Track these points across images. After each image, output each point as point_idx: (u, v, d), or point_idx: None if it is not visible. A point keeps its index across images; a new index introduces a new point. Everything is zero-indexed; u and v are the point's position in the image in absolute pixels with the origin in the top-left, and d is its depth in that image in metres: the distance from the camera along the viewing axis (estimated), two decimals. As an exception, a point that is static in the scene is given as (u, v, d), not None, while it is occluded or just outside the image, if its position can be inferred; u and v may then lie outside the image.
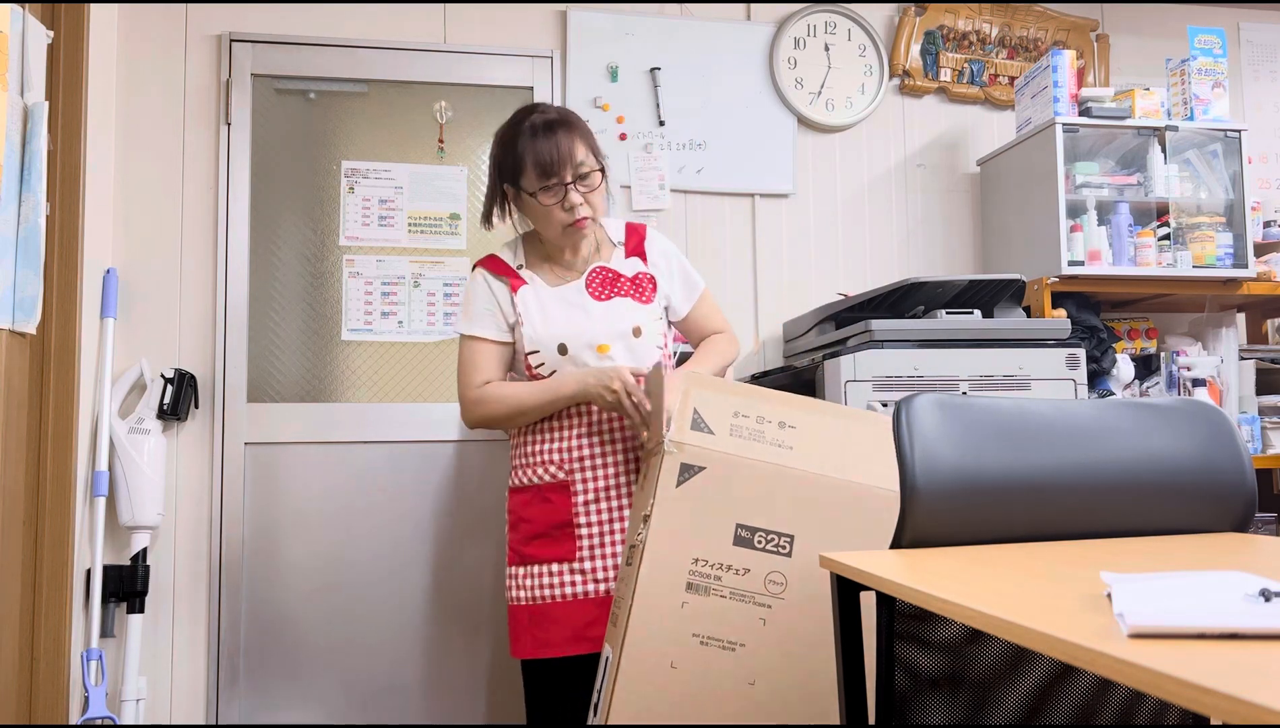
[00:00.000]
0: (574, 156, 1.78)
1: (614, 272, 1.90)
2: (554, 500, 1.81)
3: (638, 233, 1.97)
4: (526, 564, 1.81)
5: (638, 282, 1.90)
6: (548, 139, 1.77)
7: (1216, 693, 0.55)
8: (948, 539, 1.20)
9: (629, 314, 1.85)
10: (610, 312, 1.85)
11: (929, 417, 1.25)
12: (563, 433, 1.83)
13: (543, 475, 1.83)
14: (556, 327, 1.83)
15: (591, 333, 1.83)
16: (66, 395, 2.39)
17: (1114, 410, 1.33)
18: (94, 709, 2.39)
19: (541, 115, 1.82)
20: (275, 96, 2.83)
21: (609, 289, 1.87)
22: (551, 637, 1.76)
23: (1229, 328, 3.12)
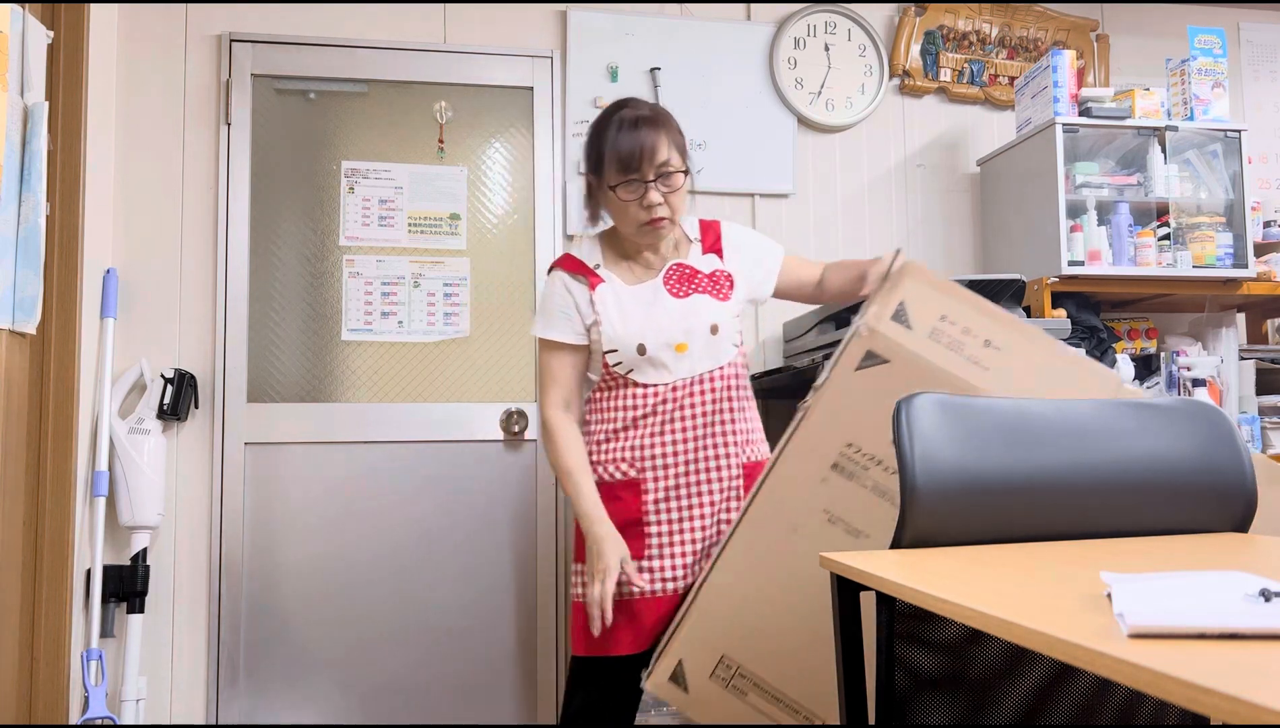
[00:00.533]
0: (657, 154, 1.75)
1: (692, 268, 1.87)
2: (624, 498, 1.79)
3: (713, 230, 1.95)
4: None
5: (715, 279, 1.87)
6: (632, 134, 1.75)
7: (1216, 693, 0.55)
8: (948, 539, 1.20)
9: (707, 312, 1.82)
10: (688, 309, 1.81)
11: (929, 417, 1.25)
12: (635, 430, 1.81)
13: (613, 473, 1.81)
14: (634, 326, 1.80)
15: (670, 332, 1.80)
16: (66, 395, 2.39)
17: (1114, 410, 1.33)
18: (94, 709, 2.39)
19: (632, 111, 1.79)
20: (275, 96, 2.83)
21: (687, 286, 1.84)
22: (618, 635, 1.74)
23: (1229, 328, 3.12)
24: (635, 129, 1.75)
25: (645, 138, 1.75)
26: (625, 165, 1.75)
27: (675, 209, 1.80)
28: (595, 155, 1.81)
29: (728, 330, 1.84)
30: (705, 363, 1.81)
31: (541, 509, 2.83)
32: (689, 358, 1.80)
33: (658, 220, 1.78)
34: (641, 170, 1.75)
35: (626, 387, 1.82)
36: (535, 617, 2.80)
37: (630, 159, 1.74)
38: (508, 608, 2.79)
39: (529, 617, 2.80)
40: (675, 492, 1.79)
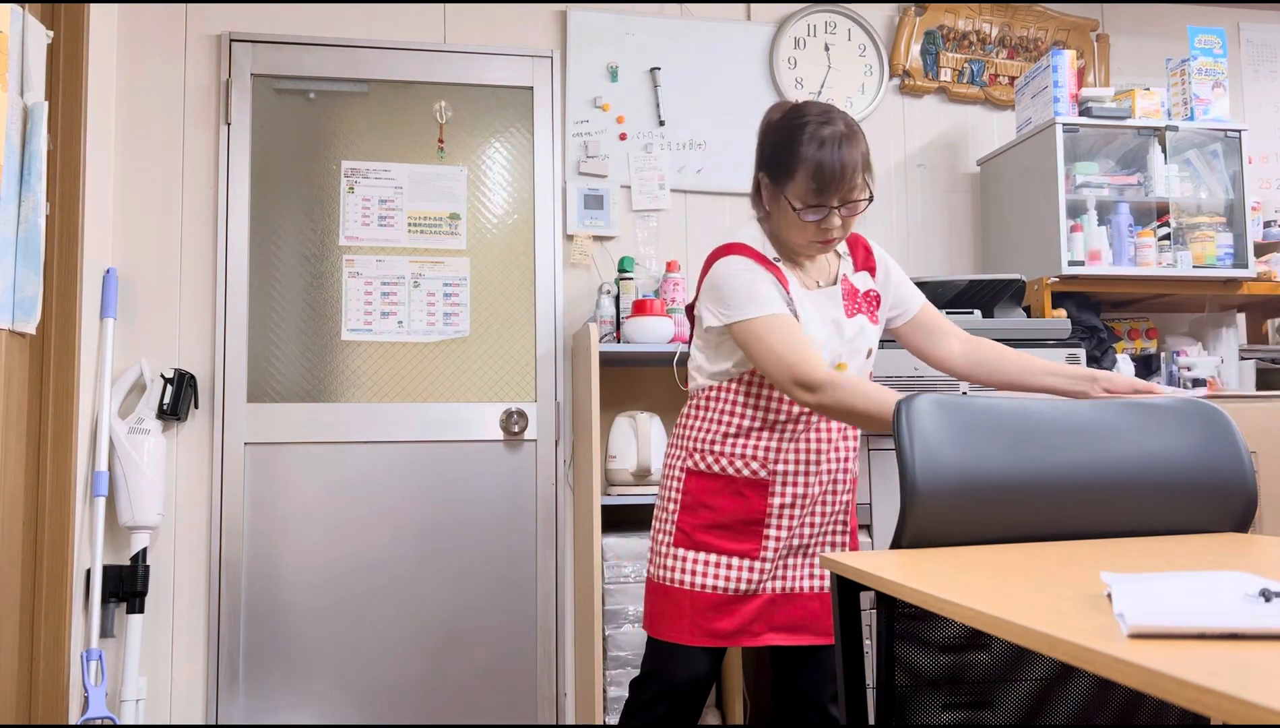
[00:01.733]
0: (854, 180, 1.63)
1: (853, 286, 1.79)
2: (749, 496, 1.74)
3: (862, 245, 1.84)
4: (699, 551, 1.75)
5: (869, 299, 1.80)
6: (833, 155, 1.61)
7: (1216, 693, 0.55)
8: (948, 539, 1.20)
9: (868, 334, 1.77)
10: (855, 330, 1.75)
11: (929, 417, 1.25)
12: (773, 434, 1.75)
13: (741, 469, 1.75)
14: (820, 335, 1.70)
15: (839, 349, 1.73)
16: (66, 395, 2.39)
17: (1114, 410, 1.33)
18: (94, 709, 2.39)
19: (833, 126, 1.63)
20: (275, 96, 2.83)
21: (852, 304, 1.77)
22: (719, 627, 1.72)
23: (1229, 328, 3.12)
24: (837, 149, 1.61)
25: (846, 161, 1.61)
26: (819, 189, 1.62)
27: (848, 232, 1.72)
28: (781, 163, 1.66)
29: (874, 355, 1.80)
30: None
31: (541, 509, 2.83)
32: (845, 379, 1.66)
33: (830, 241, 1.69)
34: (831, 197, 1.63)
35: (775, 393, 1.74)
36: (535, 617, 2.80)
37: (826, 184, 1.61)
38: (507, 608, 2.79)
39: (528, 617, 2.80)
40: (798, 503, 1.75)
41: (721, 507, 1.75)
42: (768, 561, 1.74)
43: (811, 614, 1.77)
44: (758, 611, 1.74)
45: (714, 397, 1.79)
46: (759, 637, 1.74)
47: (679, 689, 1.77)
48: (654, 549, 1.82)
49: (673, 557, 1.77)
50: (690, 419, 1.83)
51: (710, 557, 1.74)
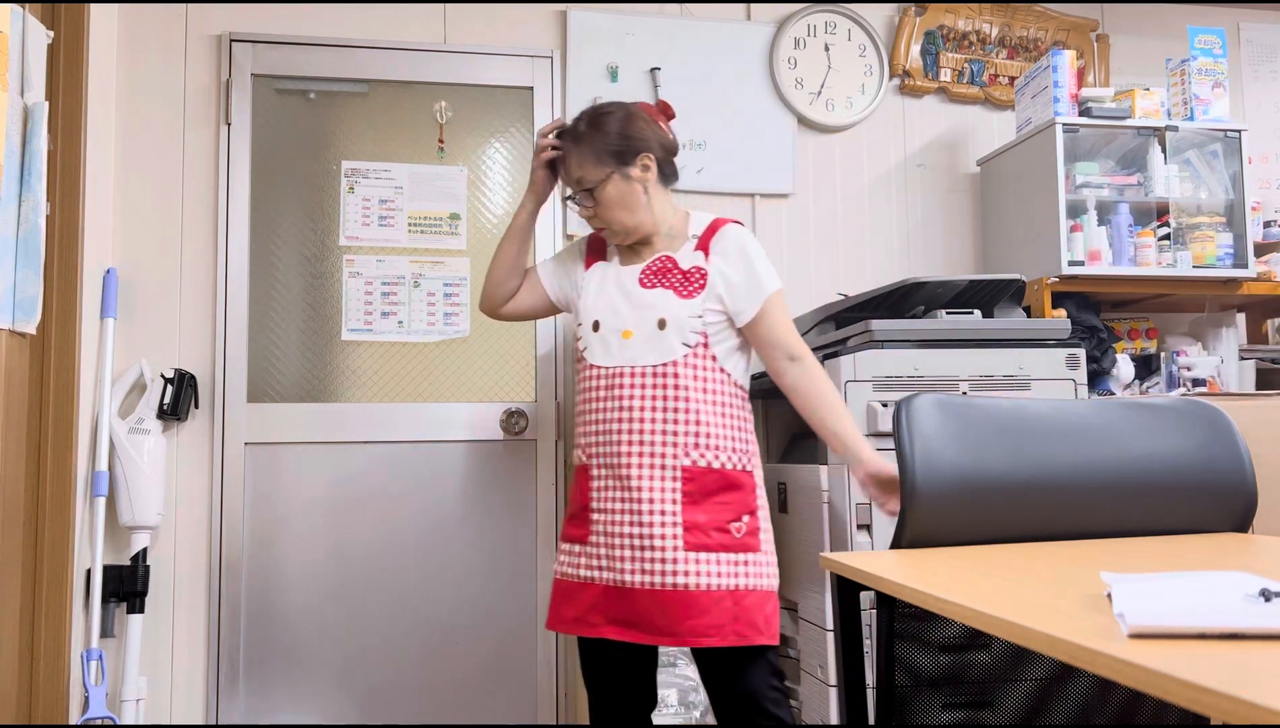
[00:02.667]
0: (571, 174, 1.92)
1: (673, 262, 1.90)
2: (580, 483, 1.88)
3: (711, 229, 1.92)
4: (562, 541, 1.91)
5: (688, 276, 1.87)
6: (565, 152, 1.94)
7: (1216, 693, 0.55)
8: (948, 539, 1.20)
9: (662, 306, 1.84)
10: (647, 301, 1.86)
11: (929, 417, 1.25)
12: (588, 413, 1.88)
13: (579, 457, 1.90)
14: (599, 304, 1.90)
15: (623, 318, 1.87)
16: (66, 395, 2.39)
17: (1114, 410, 1.33)
18: (94, 709, 2.39)
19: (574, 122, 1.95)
20: (275, 96, 2.83)
21: (658, 279, 1.88)
22: (562, 613, 1.83)
23: (1229, 328, 3.12)
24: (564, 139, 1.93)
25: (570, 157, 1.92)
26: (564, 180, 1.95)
27: (609, 220, 1.90)
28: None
29: (678, 327, 1.82)
30: (648, 354, 1.82)
31: (541, 509, 2.83)
32: (632, 346, 1.84)
33: (600, 229, 1.94)
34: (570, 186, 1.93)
35: (584, 367, 1.90)
36: (535, 616, 2.80)
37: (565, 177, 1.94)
38: (507, 608, 2.79)
39: (529, 616, 2.80)
40: (615, 484, 1.81)
41: (572, 497, 1.91)
42: (597, 546, 1.81)
43: (642, 612, 1.74)
44: (594, 600, 1.80)
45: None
46: (597, 628, 1.79)
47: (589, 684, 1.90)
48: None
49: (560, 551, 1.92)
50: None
51: (563, 545, 1.89)
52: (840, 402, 1.87)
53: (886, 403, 2.25)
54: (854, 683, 1.17)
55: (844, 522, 2.25)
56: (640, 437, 1.80)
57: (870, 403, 2.25)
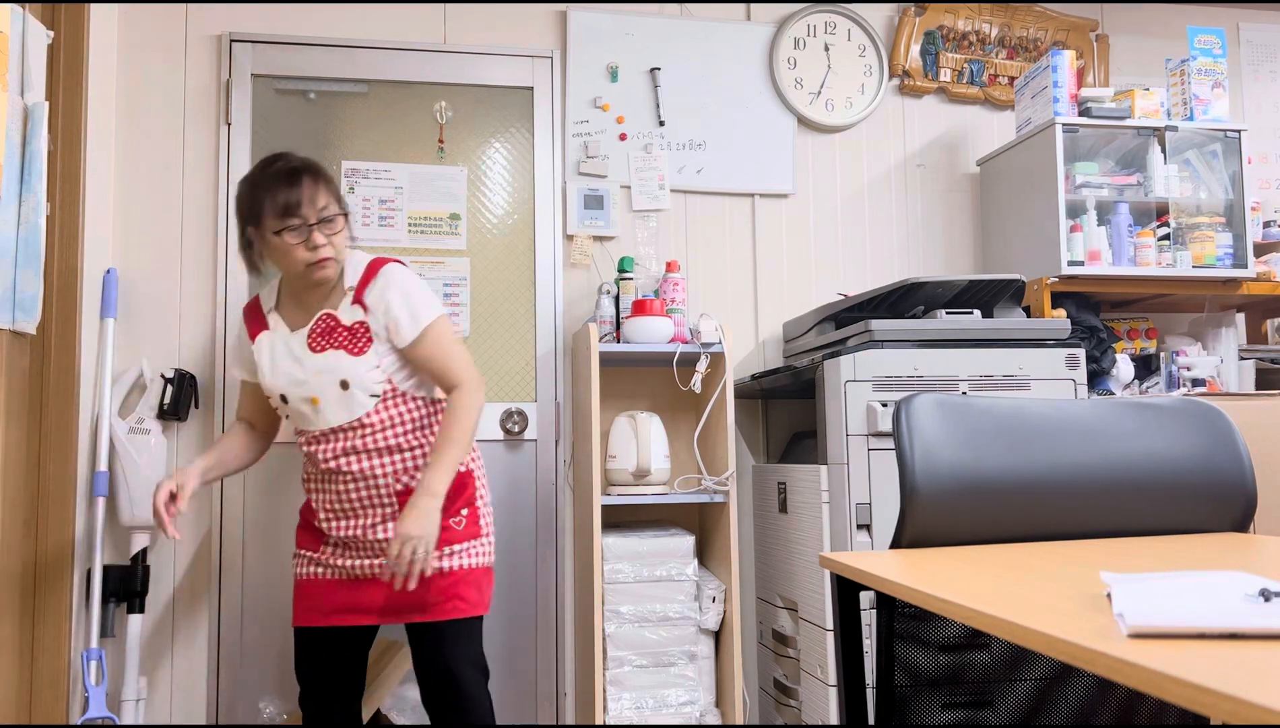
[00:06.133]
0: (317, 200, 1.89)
1: (336, 320, 1.94)
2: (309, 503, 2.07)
3: (368, 275, 1.96)
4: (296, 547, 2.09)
5: (353, 332, 1.93)
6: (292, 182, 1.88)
7: (1216, 693, 0.55)
8: (948, 539, 1.20)
9: (339, 367, 1.91)
10: (322, 365, 1.92)
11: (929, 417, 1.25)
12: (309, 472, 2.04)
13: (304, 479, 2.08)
14: (278, 378, 1.96)
15: (304, 387, 1.93)
16: (66, 395, 2.39)
17: (1114, 410, 1.33)
18: (94, 709, 2.39)
19: (285, 163, 1.92)
20: (275, 96, 2.83)
21: (326, 340, 1.93)
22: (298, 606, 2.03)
23: (1229, 328, 3.12)
24: (294, 177, 1.88)
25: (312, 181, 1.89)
26: (288, 211, 1.85)
27: (328, 262, 1.91)
28: (250, 209, 1.90)
29: (361, 384, 1.92)
30: (340, 415, 1.93)
31: (541, 508, 2.83)
32: (324, 411, 1.94)
33: (324, 261, 1.89)
34: (304, 214, 1.86)
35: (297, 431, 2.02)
36: (535, 616, 2.80)
37: (294, 206, 1.86)
38: (506, 607, 2.79)
39: (528, 616, 2.80)
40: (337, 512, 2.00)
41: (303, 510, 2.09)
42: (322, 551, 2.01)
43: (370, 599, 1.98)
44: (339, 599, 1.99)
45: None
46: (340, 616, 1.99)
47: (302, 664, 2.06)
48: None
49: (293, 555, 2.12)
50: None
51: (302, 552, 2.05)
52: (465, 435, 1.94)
53: (886, 403, 2.26)
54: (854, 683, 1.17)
55: (844, 522, 2.25)
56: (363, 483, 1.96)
57: (870, 403, 2.25)
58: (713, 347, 2.60)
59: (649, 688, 2.46)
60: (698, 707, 2.47)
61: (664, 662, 2.48)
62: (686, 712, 2.45)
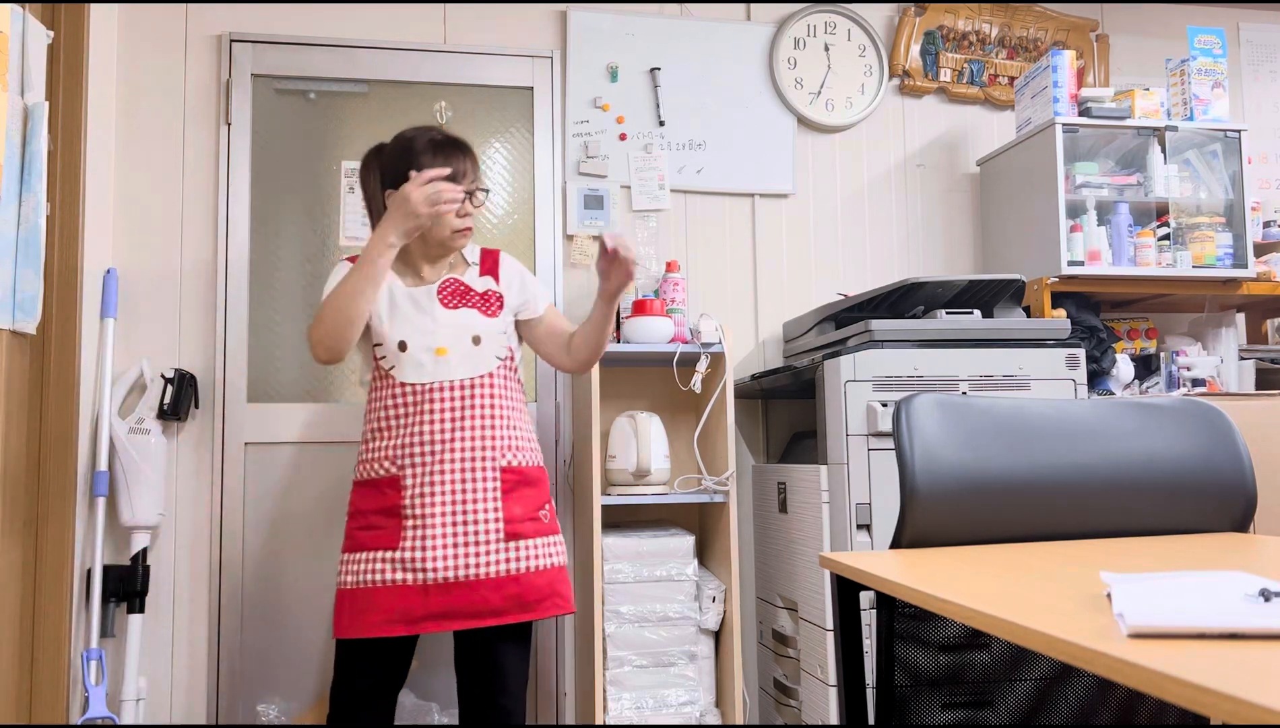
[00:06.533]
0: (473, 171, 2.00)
1: (466, 286, 2.03)
2: (386, 493, 1.92)
3: (492, 257, 2.11)
4: (356, 551, 1.91)
5: (486, 298, 2.03)
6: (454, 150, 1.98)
7: (1216, 693, 0.55)
8: (948, 539, 1.20)
9: (474, 324, 1.98)
10: (456, 321, 1.98)
11: (929, 417, 1.25)
12: (398, 427, 1.94)
13: (377, 470, 1.94)
14: (401, 324, 1.96)
15: (433, 336, 1.95)
16: (66, 395, 2.39)
17: (1114, 410, 1.33)
18: (94, 709, 2.39)
19: (442, 133, 2.01)
20: (275, 96, 2.83)
21: (458, 300, 2.00)
22: (369, 619, 1.86)
23: (1229, 328, 3.12)
24: (455, 147, 1.98)
25: (465, 155, 1.99)
26: (451, 177, 1.93)
27: (469, 230, 2.01)
28: (408, 165, 1.94)
29: (490, 343, 1.99)
30: (467, 368, 1.95)
31: (541, 509, 2.83)
32: (446, 363, 1.94)
33: (468, 230, 1.99)
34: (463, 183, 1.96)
35: (390, 386, 1.95)
36: (535, 617, 2.80)
37: (459, 175, 1.95)
38: (508, 608, 2.79)
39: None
40: (432, 488, 1.89)
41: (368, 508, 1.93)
42: (408, 550, 1.87)
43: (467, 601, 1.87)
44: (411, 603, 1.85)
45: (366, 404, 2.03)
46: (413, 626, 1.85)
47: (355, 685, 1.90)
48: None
49: (341, 562, 1.93)
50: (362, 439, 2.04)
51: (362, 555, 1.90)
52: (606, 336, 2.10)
53: (886, 403, 2.26)
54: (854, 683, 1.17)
55: (844, 522, 2.25)
56: (467, 444, 1.92)
57: (870, 403, 2.25)
58: (713, 347, 2.60)
59: (649, 688, 2.46)
60: (698, 707, 2.47)
61: (664, 662, 2.48)
62: (686, 712, 2.45)
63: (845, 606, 1.17)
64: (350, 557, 1.91)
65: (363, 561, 1.89)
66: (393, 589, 1.86)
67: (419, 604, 1.85)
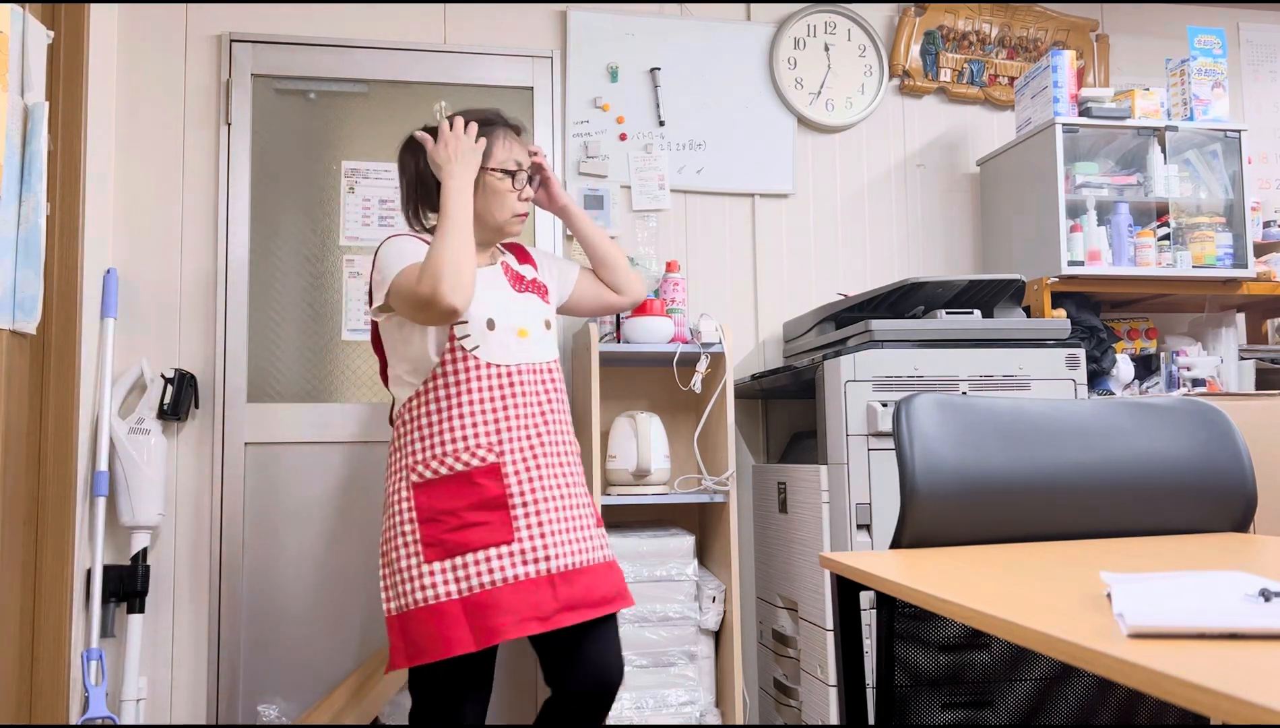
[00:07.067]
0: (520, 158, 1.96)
1: (518, 272, 1.99)
2: (485, 484, 1.75)
3: (519, 248, 2.09)
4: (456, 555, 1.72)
5: (536, 284, 2.01)
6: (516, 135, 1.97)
7: (1216, 693, 0.55)
8: (948, 539, 1.20)
9: (542, 308, 1.95)
10: (526, 303, 1.93)
11: (929, 417, 1.25)
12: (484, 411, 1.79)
13: (469, 460, 1.76)
14: (486, 302, 1.84)
15: (517, 316, 1.88)
16: (66, 395, 2.39)
17: (1114, 410, 1.33)
18: (94, 709, 2.39)
19: (507, 117, 2.00)
20: (275, 96, 2.83)
21: (520, 284, 1.96)
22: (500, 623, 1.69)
23: (1229, 328, 3.12)
24: (521, 133, 1.99)
25: (527, 145, 1.99)
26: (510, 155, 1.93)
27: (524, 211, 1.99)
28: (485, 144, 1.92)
29: (555, 330, 1.98)
30: (540, 353, 1.90)
31: (541, 509, 2.82)
32: (528, 344, 1.87)
33: (525, 214, 1.97)
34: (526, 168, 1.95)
35: (472, 367, 1.79)
36: (535, 617, 2.80)
37: (516, 150, 1.94)
38: (508, 608, 2.79)
39: (529, 617, 2.80)
40: (534, 473, 1.80)
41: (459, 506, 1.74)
42: (523, 541, 1.73)
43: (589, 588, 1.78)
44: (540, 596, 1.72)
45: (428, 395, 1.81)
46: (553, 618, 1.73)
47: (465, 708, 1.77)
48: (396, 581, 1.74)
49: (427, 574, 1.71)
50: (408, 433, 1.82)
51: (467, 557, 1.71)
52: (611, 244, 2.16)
53: (886, 403, 2.26)
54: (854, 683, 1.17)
55: (844, 522, 2.25)
56: (553, 426, 1.87)
57: (870, 403, 2.25)
58: (713, 347, 2.60)
59: (649, 688, 2.46)
60: (698, 707, 2.47)
61: (664, 662, 2.48)
62: (686, 712, 2.45)
63: (845, 606, 1.17)
64: (451, 563, 1.70)
65: (472, 562, 1.70)
66: (519, 586, 1.70)
67: (549, 597, 1.72)
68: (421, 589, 1.71)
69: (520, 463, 1.78)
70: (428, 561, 1.72)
